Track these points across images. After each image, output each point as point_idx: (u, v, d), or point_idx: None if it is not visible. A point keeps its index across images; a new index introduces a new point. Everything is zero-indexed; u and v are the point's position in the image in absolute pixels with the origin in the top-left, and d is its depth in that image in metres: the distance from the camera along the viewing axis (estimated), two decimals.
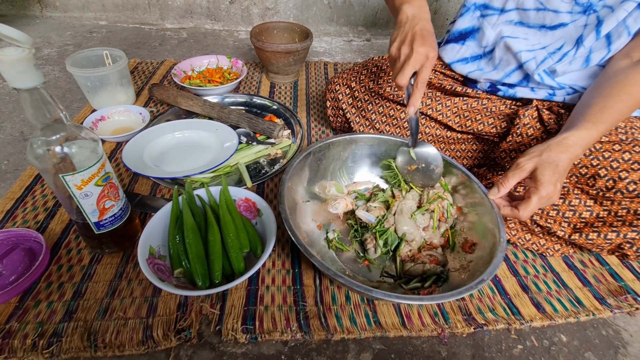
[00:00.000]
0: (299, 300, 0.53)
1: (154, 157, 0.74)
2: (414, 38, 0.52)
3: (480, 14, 0.66)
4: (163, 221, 0.56)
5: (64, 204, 0.50)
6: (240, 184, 0.72)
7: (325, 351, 0.49)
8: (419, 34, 0.52)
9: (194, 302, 0.52)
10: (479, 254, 0.52)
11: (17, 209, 0.63)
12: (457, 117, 0.71)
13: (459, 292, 0.42)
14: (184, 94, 0.88)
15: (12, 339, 0.46)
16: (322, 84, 1.12)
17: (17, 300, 0.50)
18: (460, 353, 0.50)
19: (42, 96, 0.40)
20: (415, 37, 0.52)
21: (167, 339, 0.47)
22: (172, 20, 1.49)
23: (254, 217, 0.61)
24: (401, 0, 0.57)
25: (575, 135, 0.49)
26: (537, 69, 0.60)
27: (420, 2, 0.57)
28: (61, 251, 0.57)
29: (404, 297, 0.41)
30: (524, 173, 0.49)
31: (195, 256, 0.51)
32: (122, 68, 0.86)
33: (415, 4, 0.56)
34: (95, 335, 0.47)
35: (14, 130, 0.84)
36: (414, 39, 0.52)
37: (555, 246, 0.62)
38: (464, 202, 0.59)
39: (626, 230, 0.54)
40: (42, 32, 1.33)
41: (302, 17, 1.48)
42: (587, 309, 0.56)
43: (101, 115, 0.84)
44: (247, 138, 0.83)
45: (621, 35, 0.53)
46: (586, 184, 0.55)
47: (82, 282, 0.53)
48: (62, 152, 0.43)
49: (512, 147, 0.65)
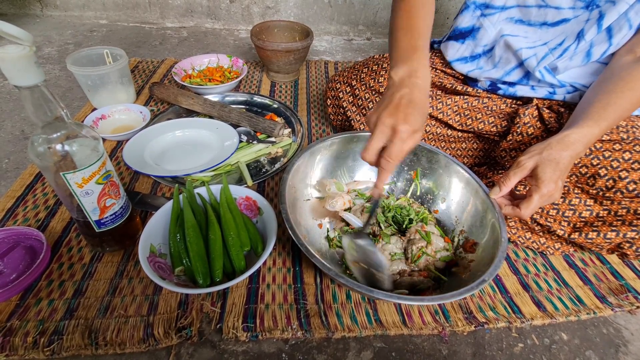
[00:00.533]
0: (299, 299, 0.53)
1: (155, 156, 0.74)
2: (386, 106, 0.44)
3: (480, 13, 0.66)
4: (164, 219, 0.56)
5: (65, 202, 0.50)
6: (240, 183, 0.72)
7: (326, 349, 0.49)
8: (394, 103, 0.44)
9: (195, 300, 0.52)
10: (481, 254, 0.52)
11: (18, 207, 0.63)
12: (458, 115, 0.71)
13: (460, 293, 0.42)
14: (185, 92, 0.88)
15: (13, 337, 0.46)
16: (323, 83, 1.12)
17: (18, 298, 0.50)
18: (461, 351, 0.50)
19: (43, 94, 0.40)
20: (389, 106, 0.44)
21: (167, 337, 0.47)
22: (172, 19, 1.48)
23: (255, 216, 0.61)
24: (394, 62, 0.49)
25: (577, 133, 0.49)
26: (537, 65, 0.60)
27: (414, 64, 0.47)
28: (62, 249, 0.57)
29: (406, 298, 0.41)
30: (525, 171, 0.49)
31: (196, 254, 0.51)
32: (122, 67, 0.86)
33: (407, 67, 0.47)
34: (96, 333, 0.47)
35: (15, 129, 0.84)
36: (386, 108, 0.44)
37: (555, 245, 0.62)
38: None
39: (626, 229, 0.54)
40: (42, 31, 1.33)
41: (302, 15, 1.48)
42: (588, 308, 0.56)
43: (102, 113, 0.84)
44: (248, 137, 0.83)
45: (622, 28, 0.52)
46: (586, 183, 0.55)
47: (83, 280, 0.53)
48: (63, 150, 0.43)
49: (513, 146, 0.65)
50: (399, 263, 0.54)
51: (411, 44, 0.50)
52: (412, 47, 0.49)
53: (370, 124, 0.46)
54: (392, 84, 0.47)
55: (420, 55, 0.49)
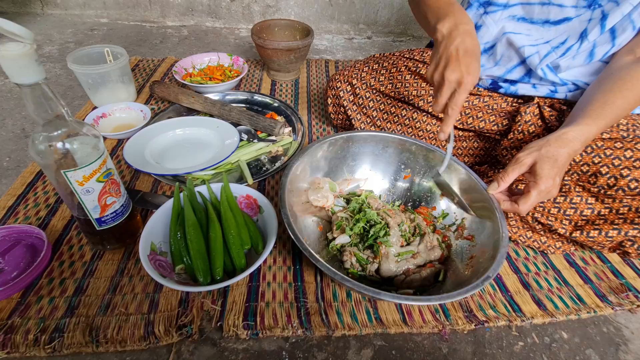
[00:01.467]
0: (299, 297, 0.53)
1: (155, 154, 0.74)
2: (447, 62, 0.48)
3: (483, 10, 0.66)
4: (164, 218, 0.56)
5: (66, 200, 0.50)
6: (241, 181, 0.72)
7: (326, 347, 0.49)
8: (453, 57, 0.48)
9: (195, 298, 0.52)
10: (481, 250, 0.52)
11: (18, 206, 0.63)
12: (459, 114, 0.71)
13: (466, 291, 0.41)
14: (185, 91, 0.88)
15: (15, 335, 0.46)
16: (323, 82, 1.12)
17: (19, 296, 0.50)
18: (461, 350, 0.50)
19: (44, 92, 0.40)
20: (449, 61, 0.48)
21: (168, 334, 0.48)
22: (173, 18, 1.48)
23: (255, 214, 0.61)
24: (436, 18, 0.52)
25: (575, 131, 0.49)
26: (540, 63, 0.60)
27: (457, 15, 0.51)
28: (63, 247, 0.57)
29: (412, 299, 0.41)
30: (523, 167, 0.49)
31: (196, 252, 0.51)
32: (123, 65, 0.86)
33: (451, 18, 0.51)
34: (97, 331, 0.47)
35: (16, 127, 0.84)
36: (447, 64, 0.48)
37: (556, 244, 0.62)
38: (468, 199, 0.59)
39: (627, 228, 0.54)
40: (43, 30, 1.33)
41: (303, 14, 1.48)
42: (588, 306, 0.56)
43: (102, 112, 0.84)
44: (248, 135, 0.83)
45: (626, 29, 0.53)
46: (588, 181, 0.55)
47: (84, 278, 0.53)
48: (64, 148, 0.43)
49: (514, 145, 0.64)
50: (404, 263, 0.54)
51: (445, 1, 0.54)
52: (448, 3, 0.54)
53: (434, 81, 0.51)
54: (443, 38, 0.50)
55: (458, 7, 0.53)
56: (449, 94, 0.49)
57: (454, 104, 0.49)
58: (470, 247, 0.54)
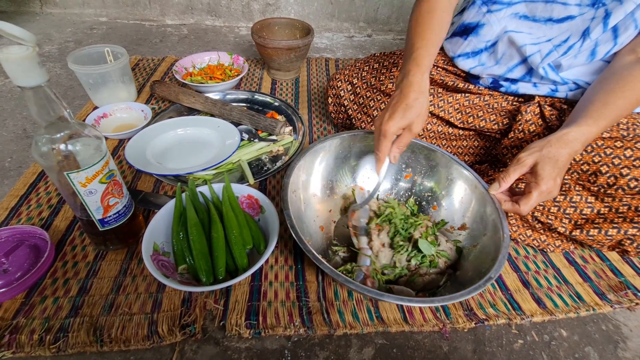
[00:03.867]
0: (301, 296, 0.54)
1: (157, 154, 0.75)
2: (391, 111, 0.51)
3: (487, 9, 0.65)
4: (166, 218, 0.56)
5: (69, 201, 0.50)
6: (242, 181, 0.72)
7: (328, 346, 0.49)
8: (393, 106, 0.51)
9: (198, 298, 0.52)
10: (479, 251, 0.52)
11: (21, 206, 0.64)
12: (459, 113, 0.71)
13: (468, 292, 0.42)
14: (186, 90, 0.88)
15: (20, 335, 0.46)
16: (324, 81, 1.12)
17: (24, 296, 0.51)
18: (462, 348, 0.51)
19: (47, 94, 0.40)
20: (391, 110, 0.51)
21: (172, 334, 0.48)
22: (172, 17, 1.48)
23: (257, 214, 0.61)
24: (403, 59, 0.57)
25: (576, 131, 0.49)
26: (542, 62, 0.60)
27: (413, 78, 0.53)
28: (66, 248, 0.58)
29: (416, 300, 0.42)
30: (524, 168, 0.49)
31: (199, 252, 0.51)
32: (123, 65, 0.86)
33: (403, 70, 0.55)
34: (101, 331, 0.48)
35: (17, 128, 0.84)
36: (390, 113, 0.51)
37: (556, 242, 0.63)
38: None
39: (627, 226, 0.54)
40: (42, 29, 1.33)
41: (303, 12, 1.47)
42: (588, 304, 0.56)
43: (103, 112, 0.84)
44: (249, 135, 0.83)
45: (628, 28, 0.52)
46: (587, 180, 0.55)
47: (87, 278, 0.54)
48: (66, 150, 0.44)
49: (514, 144, 0.65)
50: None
51: (412, 44, 0.57)
52: (412, 49, 0.56)
53: (375, 129, 0.53)
54: (396, 87, 0.55)
55: (418, 55, 0.55)
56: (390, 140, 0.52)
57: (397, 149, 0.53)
58: (471, 247, 0.55)
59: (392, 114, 0.50)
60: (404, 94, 0.51)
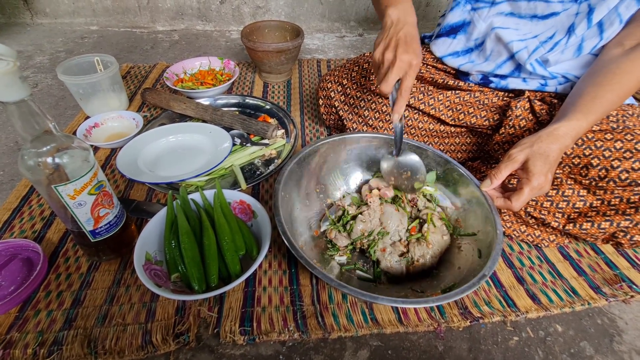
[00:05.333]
0: (295, 300, 0.54)
1: (149, 162, 0.75)
2: (397, 44, 0.51)
3: (471, 7, 0.66)
4: (159, 227, 0.56)
5: (59, 213, 0.50)
6: (235, 186, 0.72)
7: (323, 350, 0.49)
8: (402, 39, 0.51)
9: (192, 306, 0.52)
10: (477, 245, 0.52)
11: (14, 219, 0.64)
12: (450, 110, 0.71)
13: (462, 291, 0.42)
14: (177, 97, 0.88)
15: (13, 349, 0.46)
16: (316, 82, 1.12)
17: (17, 310, 0.51)
18: (457, 347, 0.51)
19: (30, 108, 0.40)
20: (399, 43, 0.51)
21: (166, 343, 0.48)
22: (163, 23, 1.48)
23: (249, 219, 0.61)
24: (387, 3, 0.56)
25: (566, 126, 0.49)
26: (529, 58, 0.60)
27: (405, 5, 0.55)
28: (59, 260, 0.58)
29: (409, 301, 0.42)
30: (515, 164, 0.49)
31: (191, 260, 0.51)
32: (113, 74, 0.86)
33: (400, 7, 0.55)
34: (95, 342, 0.48)
35: (9, 140, 0.84)
36: (398, 45, 0.51)
37: (550, 237, 0.63)
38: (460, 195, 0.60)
39: (619, 219, 0.54)
40: (33, 40, 1.33)
41: (293, 14, 1.47)
42: (583, 299, 0.56)
43: (94, 122, 0.84)
44: (241, 139, 0.83)
45: (613, 22, 0.53)
46: (579, 174, 0.55)
47: (81, 289, 0.54)
48: (53, 163, 0.44)
49: (505, 140, 0.65)
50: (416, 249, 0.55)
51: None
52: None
53: (384, 59, 0.52)
54: (390, 23, 0.54)
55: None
56: (401, 73, 0.51)
57: (406, 87, 0.51)
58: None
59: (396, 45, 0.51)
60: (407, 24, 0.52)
